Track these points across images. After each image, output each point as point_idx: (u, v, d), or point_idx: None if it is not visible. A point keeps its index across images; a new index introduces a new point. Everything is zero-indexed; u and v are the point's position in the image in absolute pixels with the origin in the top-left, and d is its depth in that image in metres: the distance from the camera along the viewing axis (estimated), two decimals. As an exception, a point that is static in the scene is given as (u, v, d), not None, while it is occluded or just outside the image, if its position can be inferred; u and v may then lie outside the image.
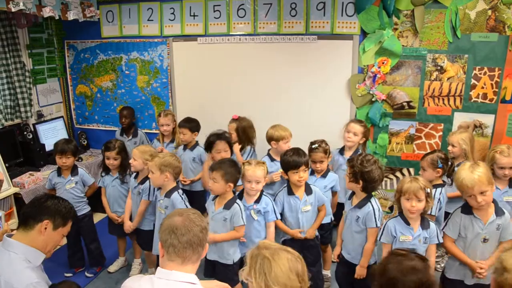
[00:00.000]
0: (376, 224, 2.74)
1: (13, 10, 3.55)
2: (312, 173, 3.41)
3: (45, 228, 2.00)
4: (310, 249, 3.09)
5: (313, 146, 3.32)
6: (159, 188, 3.19)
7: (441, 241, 2.63)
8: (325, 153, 3.33)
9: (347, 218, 2.91)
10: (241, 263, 2.97)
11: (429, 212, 2.71)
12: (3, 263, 1.87)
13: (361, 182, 2.74)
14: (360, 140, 3.62)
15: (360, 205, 2.79)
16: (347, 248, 2.93)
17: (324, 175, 3.40)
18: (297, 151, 3.06)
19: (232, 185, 2.88)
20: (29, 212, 2.04)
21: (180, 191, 3.16)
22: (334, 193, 3.47)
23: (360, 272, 2.82)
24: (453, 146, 3.42)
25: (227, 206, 2.88)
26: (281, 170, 3.48)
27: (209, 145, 3.61)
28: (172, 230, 1.72)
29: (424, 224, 2.61)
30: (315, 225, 3.12)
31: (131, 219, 3.58)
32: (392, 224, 2.66)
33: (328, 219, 3.37)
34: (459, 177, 2.55)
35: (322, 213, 3.14)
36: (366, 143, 3.81)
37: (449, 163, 3.21)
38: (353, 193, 2.91)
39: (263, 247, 1.64)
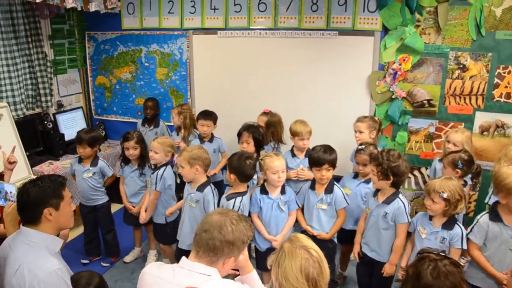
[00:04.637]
0: (408, 219, 2.72)
1: (37, 0, 3.58)
2: (357, 176, 3.32)
3: (50, 214, 1.94)
4: (323, 250, 3.07)
5: (359, 147, 3.22)
6: (189, 182, 3.14)
7: (465, 247, 2.55)
8: (370, 157, 3.14)
9: (371, 215, 2.88)
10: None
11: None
12: (23, 252, 1.87)
13: (391, 177, 2.70)
14: (370, 135, 3.52)
15: (389, 201, 2.76)
16: (370, 246, 2.91)
17: (367, 181, 3.22)
18: (325, 148, 3.02)
19: (233, 176, 2.93)
20: (25, 215, 1.96)
21: (212, 186, 3.12)
22: None
23: (390, 270, 2.80)
24: (454, 145, 3.32)
25: (228, 197, 2.96)
26: (301, 167, 3.50)
27: (238, 135, 3.64)
28: (202, 224, 1.75)
29: (448, 225, 2.56)
30: (331, 232, 3.06)
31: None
32: (419, 216, 2.72)
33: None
34: (506, 178, 2.44)
35: (339, 219, 3.07)
36: (377, 135, 3.70)
37: (474, 166, 3.13)
38: (377, 190, 2.88)
39: (291, 240, 1.67)
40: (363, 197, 3.23)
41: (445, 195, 2.47)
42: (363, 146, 3.20)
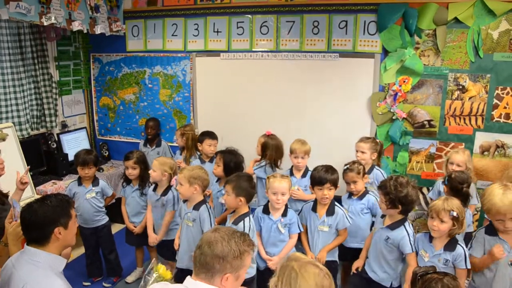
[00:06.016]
0: (412, 249, 2.69)
1: (45, 23, 3.68)
2: (350, 195, 3.34)
3: (59, 233, 1.97)
4: None
5: (344, 167, 3.26)
6: (185, 201, 3.18)
7: (469, 266, 2.54)
8: (358, 174, 3.21)
9: (375, 235, 2.88)
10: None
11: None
12: (27, 272, 1.87)
13: (399, 206, 2.70)
14: (371, 156, 3.57)
15: (393, 227, 2.75)
16: (371, 266, 2.90)
17: (360, 197, 3.28)
18: (327, 168, 3.05)
19: (243, 199, 2.84)
20: (33, 234, 1.96)
21: (208, 204, 3.15)
22: (374, 216, 3.31)
23: None
24: (458, 165, 3.34)
25: (236, 221, 2.86)
26: (297, 187, 3.51)
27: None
28: (200, 243, 1.77)
29: (449, 246, 2.55)
30: (328, 247, 3.07)
31: (154, 231, 3.63)
32: (419, 238, 2.68)
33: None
34: (489, 200, 2.50)
35: (340, 238, 3.10)
36: (379, 157, 3.76)
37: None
38: None
39: (293, 258, 1.64)
40: (359, 213, 3.25)
41: (454, 213, 2.47)
42: (348, 166, 3.24)
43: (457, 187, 3.00)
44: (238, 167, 3.52)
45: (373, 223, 3.24)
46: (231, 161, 3.50)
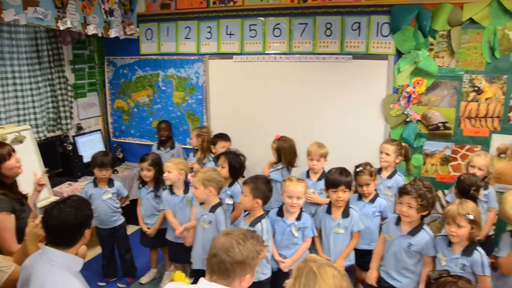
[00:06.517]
0: (434, 252, 2.66)
1: (61, 28, 3.73)
2: (361, 197, 3.32)
3: (85, 234, 2.04)
4: None
5: (357, 170, 3.22)
6: (201, 203, 3.18)
7: (489, 273, 2.47)
8: (370, 176, 3.19)
9: (393, 244, 2.82)
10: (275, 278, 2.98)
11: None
12: (46, 272, 1.89)
13: (429, 209, 2.68)
14: (395, 159, 3.53)
15: (414, 232, 2.71)
16: (391, 274, 2.85)
17: (372, 200, 3.27)
18: (341, 170, 3.04)
19: (260, 201, 2.85)
20: (64, 237, 1.98)
21: (225, 206, 3.15)
22: (383, 219, 3.28)
23: None
24: (480, 169, 3.29)
25: (252, 223, 2.86)
26: (312, 190, 3.50)
27: (217, 158, 3.72)
28: (210, 248, 1.78)
29: (467, 252, 2.50)
30: (344, 254, 3.05)
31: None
32: (437, 241, 2.64)
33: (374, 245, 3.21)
34: (503, 209, 2.48)
35: (353, 241, 3.08)
36: (408, 162, 3.74)
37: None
38: (399, 218, 2.81)
39: (311, 260, 1.64)
40: (370, 216, 3.23)
41: (471, 217, 2.43)
42: (361, 168, 3.21)
43: (466, 190, 2.97)
44: (242, 168, 3.59)
45: (380, 226, 3.22)
46: (236, 162, 3.54)
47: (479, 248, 2.52)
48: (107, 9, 4.32)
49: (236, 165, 3.52)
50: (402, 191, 2.73)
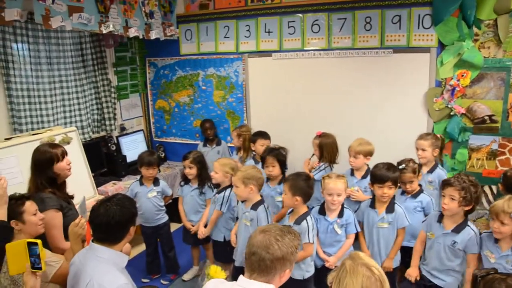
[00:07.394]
0: (479, 249, 2.61)
1: (104, 32, 3.85)
2: (403, 192, 3.28)
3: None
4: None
5: (400, 167, 3.16)
6: (244, 201, 3.20)
7: None
8: (413, 173, 3.15)
9: (436, 242, 2.77)
10: (318, 276, 2.97)
11: None
12: (93, 267, 1.97)
13: (473, 204, 2.61)
14: (433, 153, 3.45)
15: (458, 230, 2.66)
16: (433, 273, 2.80)
17: (414, 196, 3.23)
18: (388, 166, 3.01)
19: (299, 199, 2.84)
20: (112, 235, 2.05)
21: (266, 204, 3.17)
22: (426, 215, 3.19)
23: None
24: None
25: (297, 221, 2.86)
26: (356, 188, 3.46)
27: (262, 160, 3.69)
28: (248, 247, 1.79)
29: None
30: (392, 254, 3.02)
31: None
32: (483, 238, 2.58)
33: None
34: None
35: (399, 238, 3.03)
36: (441, 153, 3.64)
37: None
38: (441, 215, 2.76)
39: (352, 257, 1.65)
40: (412, 211, 3.16)
41: None
42: (404, 165, 3.15)
43: None
44: (285, 162, 3.64)
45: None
46: (283, 157, 3.59)
47: None
48: (148, 12, 4.42)
49: (283, 159, 3.58)
50: (446, 183, 2.70)
